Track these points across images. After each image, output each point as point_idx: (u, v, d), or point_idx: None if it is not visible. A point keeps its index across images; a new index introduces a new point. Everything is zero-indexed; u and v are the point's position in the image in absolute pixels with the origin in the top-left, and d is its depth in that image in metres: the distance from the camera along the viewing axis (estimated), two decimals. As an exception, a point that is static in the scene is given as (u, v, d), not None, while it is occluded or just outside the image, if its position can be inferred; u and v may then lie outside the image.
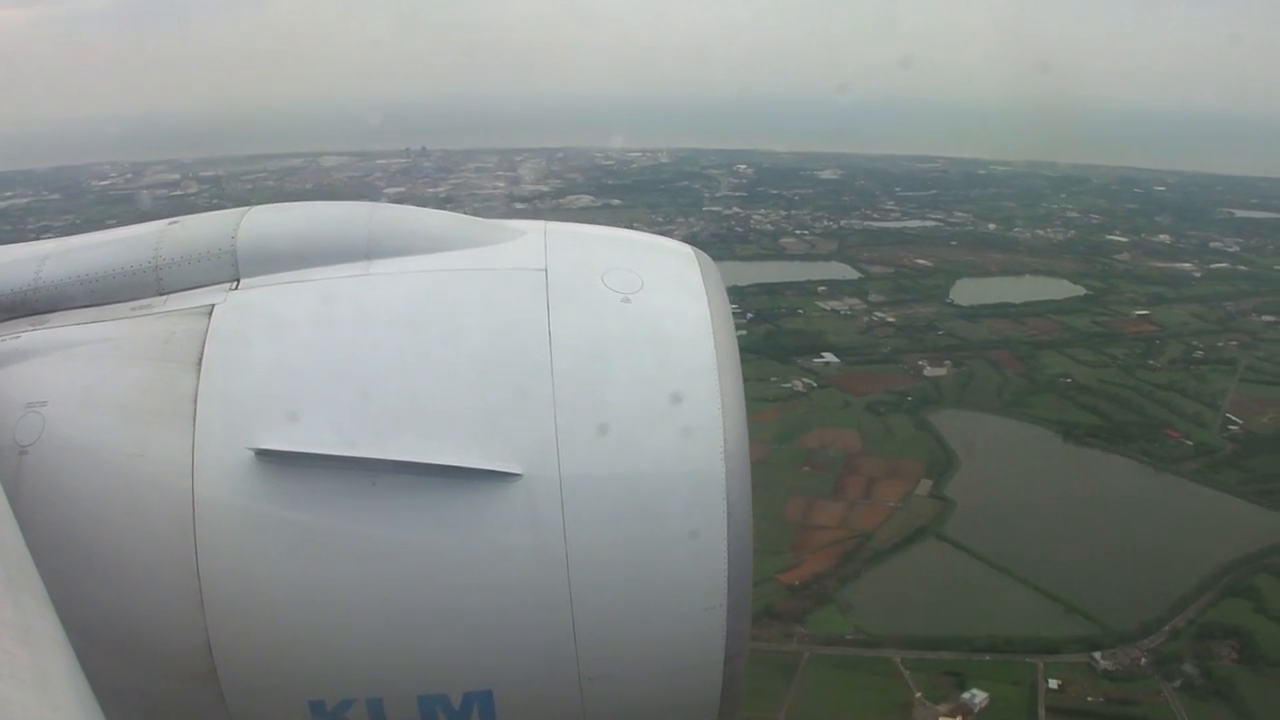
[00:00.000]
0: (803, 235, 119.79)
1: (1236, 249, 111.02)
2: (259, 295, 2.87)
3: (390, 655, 2.56)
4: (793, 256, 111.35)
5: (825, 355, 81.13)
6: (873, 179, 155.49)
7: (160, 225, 3.15)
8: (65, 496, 2.58)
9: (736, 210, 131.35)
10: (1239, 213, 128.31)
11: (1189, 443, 67.43)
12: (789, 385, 74.65)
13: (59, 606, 1.97)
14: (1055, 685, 44.46)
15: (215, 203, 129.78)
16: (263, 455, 2.52)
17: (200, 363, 2.68)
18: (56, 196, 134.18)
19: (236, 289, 2.91)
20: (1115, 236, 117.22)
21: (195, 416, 2.60)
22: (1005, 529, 56.39)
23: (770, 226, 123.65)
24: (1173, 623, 48.75)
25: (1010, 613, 49.65)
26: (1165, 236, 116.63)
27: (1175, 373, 78.23)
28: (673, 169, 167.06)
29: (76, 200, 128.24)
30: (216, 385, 2.65)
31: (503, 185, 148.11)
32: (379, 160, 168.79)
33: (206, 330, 2.76)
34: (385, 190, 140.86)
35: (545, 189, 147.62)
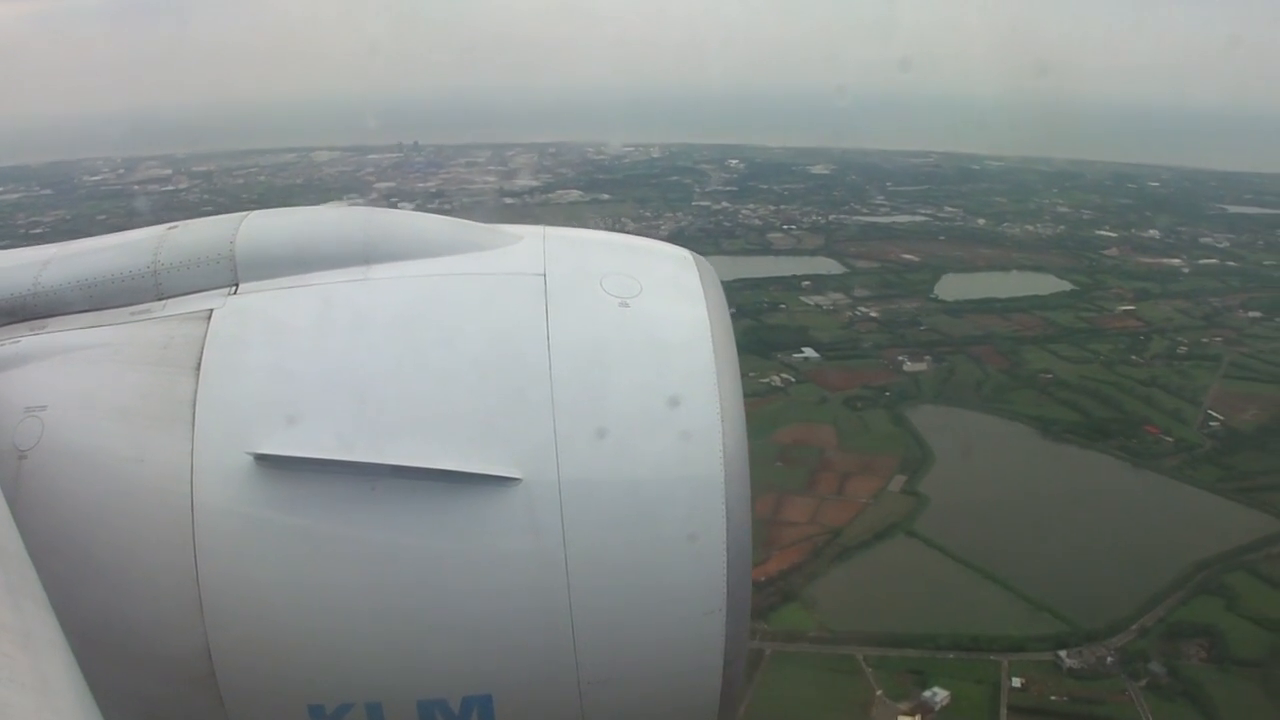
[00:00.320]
0: (790, 230, 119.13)
1: (1227, 245, 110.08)
2: (258, 300, 2.88)
3: (389, 660, 2.55)
4: (779, 251, 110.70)
5: (805, 350, 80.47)
6: (864, 174, 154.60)
7: (159, 230, 3.17)
8: (64, 501, 2.56)
9: (725, 205, 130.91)
10: (1232, 208, 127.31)
11: (1168, 439, 66.65)
12: (766, 380, 73.86)
13: (58, 611, 1.99)
14: (1019, 684, 43.74)
15: (206, 198, 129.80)
16: (262, 460, 2.51)
17: (199, 367, 2.68)
18: (48, 192, 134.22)
19: (235, 294, 2.92)
20: (1105, 232, 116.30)
21: (194, 421, 2.59)
22: (977, 526, 55.70)
23: (758, 221, 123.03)
24: (1142, 621, 48.06)
25: (977, 610, 48.91)
26: (1155, 232, 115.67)
27: (1158, 369, 77.43)
28: (664, 164, 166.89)
29: (68, 196, 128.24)
30: (215, 390, 2.64)
31: (492, 180, 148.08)
32: (371, 155, 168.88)
33: (205, 335, 2.75)
34: (375, 185, 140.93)
35: (535, 184, 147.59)
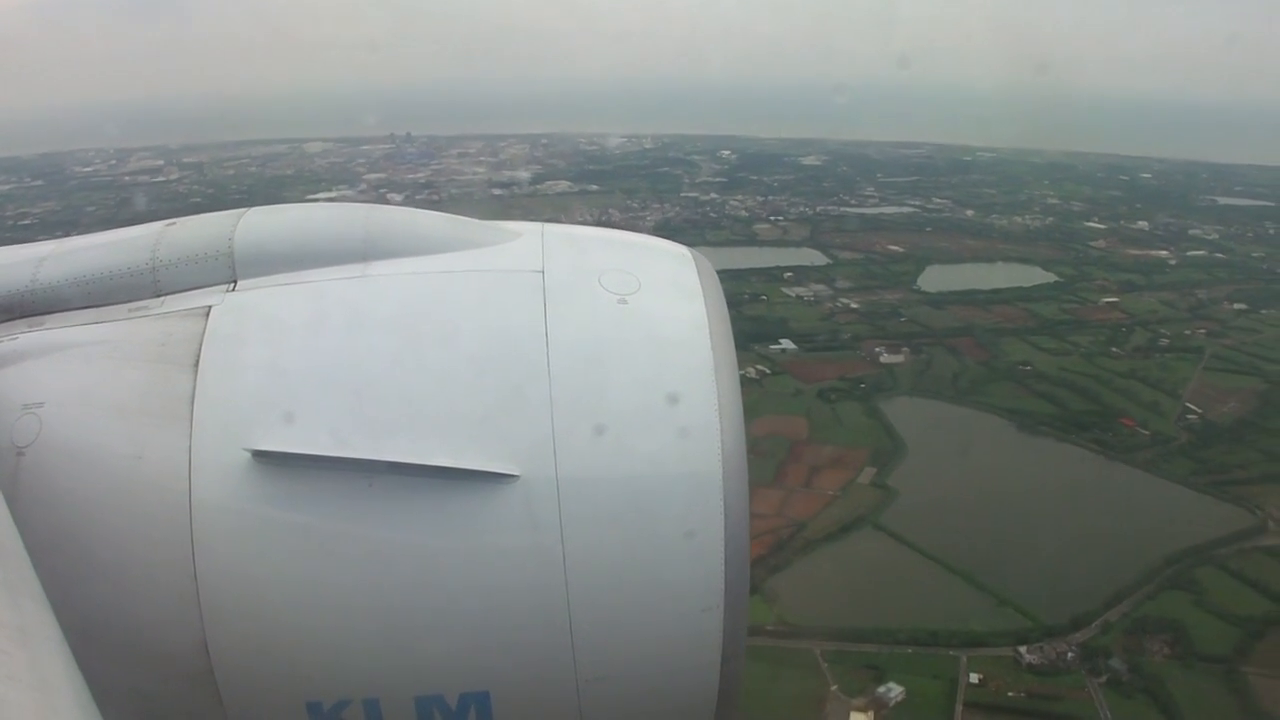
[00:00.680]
0: (777, 221, 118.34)
1: (1216, 236, 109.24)
2: (256, 297, 2.85)
3: (387, 656, 2.54)
4: (764, 242, 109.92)
5: (783, 342, 79.68)
6: (855, 165, 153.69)
7: (158, 227, 3.13)
8: (62, 498, 2.56)
9: (714, 196, 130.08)
10: (1222, 200, 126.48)
11: (1144, 432, 65.86)
12: (742, 372, 72.04)
13: (56, 607, 1.99)
14: (976, 680, 43.09)
15: (195, 189, 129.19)
16: (259, 456, 2.51)
17: (197, 364, 2.66)
18: (39, 183, 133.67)
19: (234, 291, 2.89)
20: (1093, 224, 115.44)
21: (192, 418, 2.58)
22: (946, 519, 54.98)
23: (745, 212, 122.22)
24: (1106, 616, 47.37)
25: (940, 605, 48.16)
26: (1144, 224, 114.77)
27: (1138, 361, 76.64)
28: (656, 155, 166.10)
29: (58, 187, 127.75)
30: (213, 387, 2.63)
31: (482, 171, 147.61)
32: (363, 146, 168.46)
33: (203, 332, 2.74)
34: (365, 176, 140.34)
35: (525, 175, 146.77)
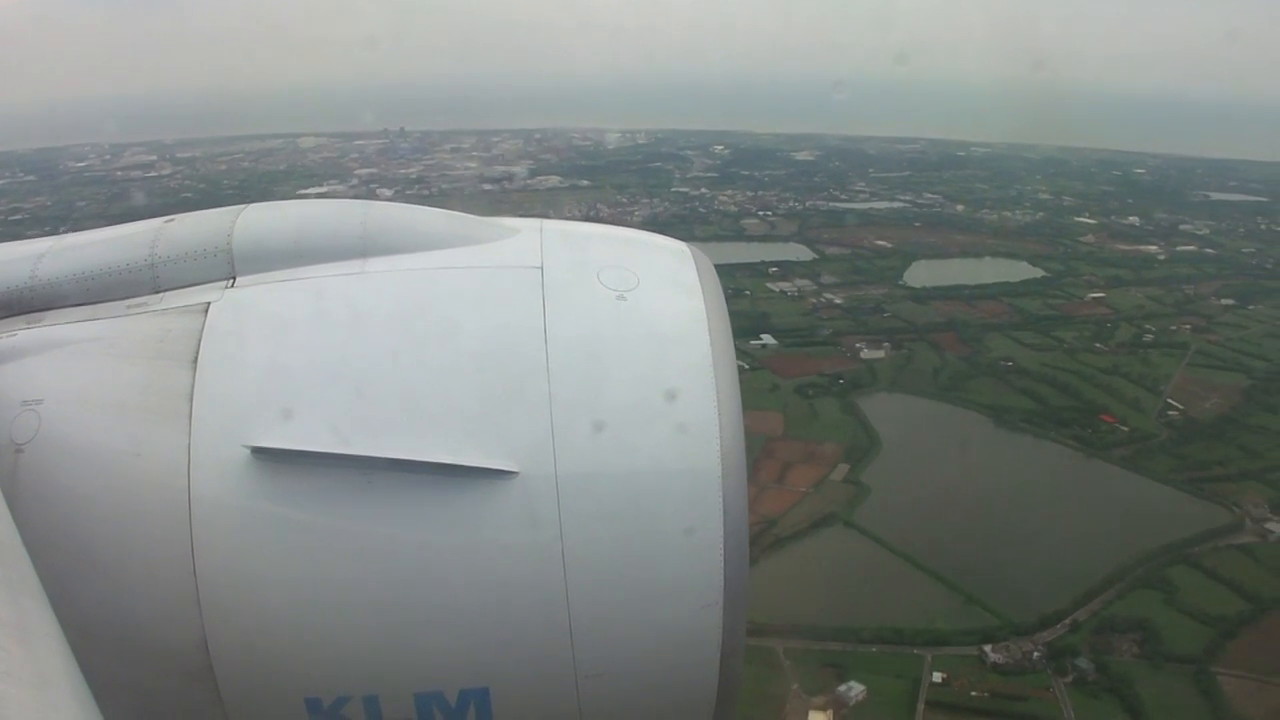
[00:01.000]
0: (765, 216, 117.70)
1: (1207, 232, 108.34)
2: (254, 293, 2.85)
3: (386, 653, 2.54)
4: (751, 238, 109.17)
5: (763, 337, 79.00)
6: (848, 160, 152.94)
7: (156, 223, 3.11)
8: (61, 494, 2.55)
9: (704, 191, 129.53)
10: (1215, 195, 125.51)
11: (1124, 428, 65.13)
12: (722, 367, 72.47)
13: (55, 604, 1.99)
14: (940, 679, 42.50)
15: (187, 184, 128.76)
16: (258, 453, 2.50)
17: (196, 361, 2.66)
18: (32, 178, 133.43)
19: (232, 287, 2.88)
20: (1084, 219, 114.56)
21: (191, 414, 2.58)
22: (918, 516, 54.33)
23: (734, 208, 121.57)
24: (1075, 615, 46.72)
25: (908, 603, 47.57)
26: (1135, 219, 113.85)
27: (1121, 356, 75.87)
28: (649, 150, 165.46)
29: (51, 182, 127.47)
30: (212, 383, 2.62)
31: (474, 166, 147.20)
32: (357, 141, 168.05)
33: (202, 328, 2.73)
34: (356, 172, 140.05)
35: (516, 170, 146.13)
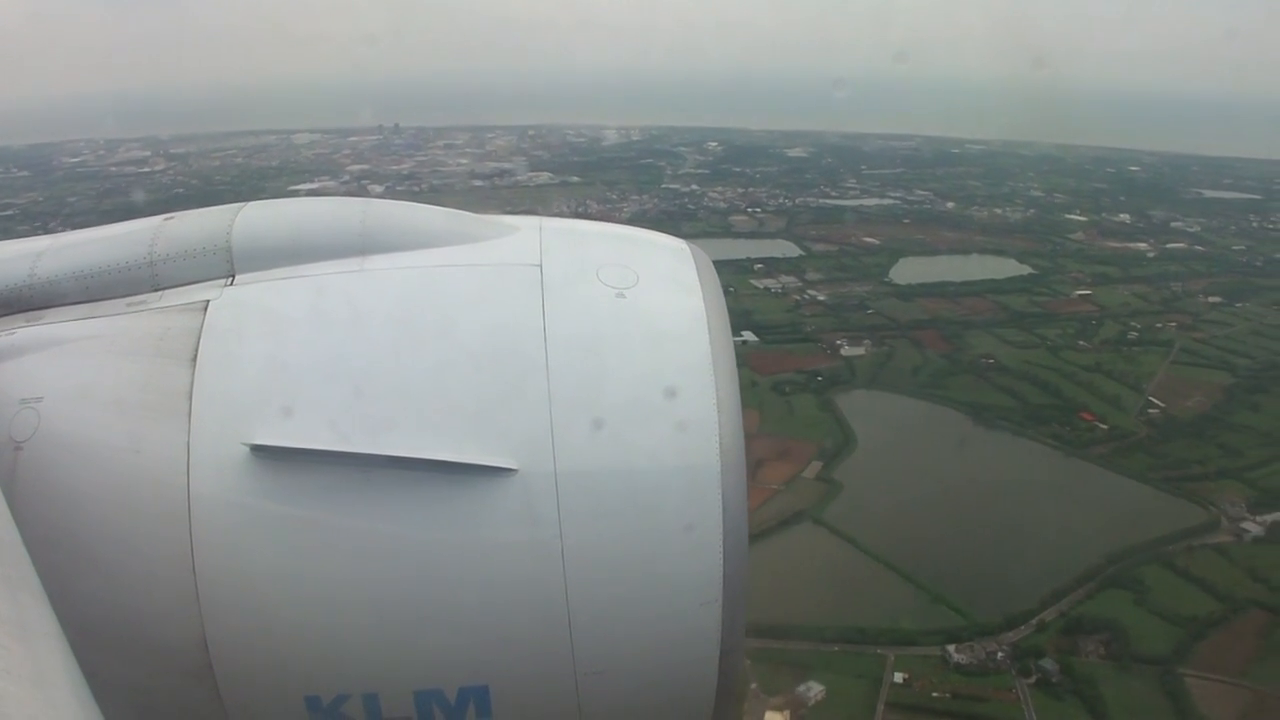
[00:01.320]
0: (754, 213, 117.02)
1: (1198, 229, 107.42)
2: (254, 291, 2.85)
3: (386, 651, 2.54)
4: (739, 234, 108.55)
5: (744, 334, 78.32)
6: (841, 157, 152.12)
7: (155, 221, 3.10)
8: (61, 492, 2.54)
9: (694, 188, 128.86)
10: (1208, 193, 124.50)
11: (1103, 426, 64.44)
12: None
13: (55, 602, 1.99)
14: (901, 679, 41.94)
15: (180, 180, 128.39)
16: (258, 451, 2.50)
17: (195, 359, 2.66)
18: (25, 174, 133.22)
19: (231, 285, 2.88)
20: (1074, 216, 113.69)
21: (190, 412, 2.58)
22: (890, 515, 53.79)
23: (723, 204, 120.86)
24: (1042, 615, 46.10)
25: (874, 602, 47.03)
26: (1126, 216, 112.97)
27: (1105, 354, 75.14)
28: (642, 146, 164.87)
29: (44, 178, 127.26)
30: (211, 381, 2.62)
31: (467, 162, 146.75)
32: (351, 138, 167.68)
33: (201, 326, 2.73)
34: (348, 168, 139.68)
35: (508, 166, 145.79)
